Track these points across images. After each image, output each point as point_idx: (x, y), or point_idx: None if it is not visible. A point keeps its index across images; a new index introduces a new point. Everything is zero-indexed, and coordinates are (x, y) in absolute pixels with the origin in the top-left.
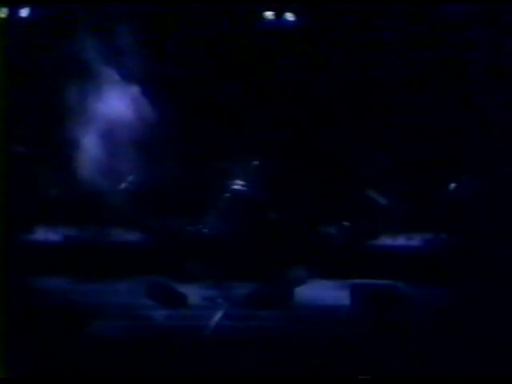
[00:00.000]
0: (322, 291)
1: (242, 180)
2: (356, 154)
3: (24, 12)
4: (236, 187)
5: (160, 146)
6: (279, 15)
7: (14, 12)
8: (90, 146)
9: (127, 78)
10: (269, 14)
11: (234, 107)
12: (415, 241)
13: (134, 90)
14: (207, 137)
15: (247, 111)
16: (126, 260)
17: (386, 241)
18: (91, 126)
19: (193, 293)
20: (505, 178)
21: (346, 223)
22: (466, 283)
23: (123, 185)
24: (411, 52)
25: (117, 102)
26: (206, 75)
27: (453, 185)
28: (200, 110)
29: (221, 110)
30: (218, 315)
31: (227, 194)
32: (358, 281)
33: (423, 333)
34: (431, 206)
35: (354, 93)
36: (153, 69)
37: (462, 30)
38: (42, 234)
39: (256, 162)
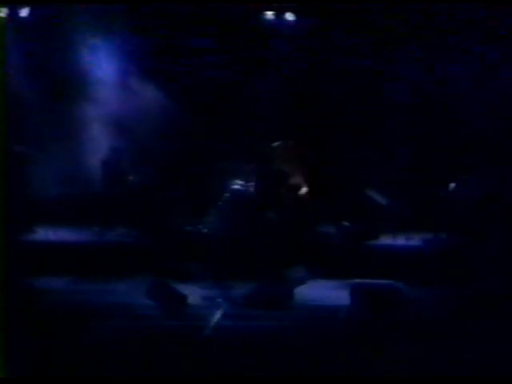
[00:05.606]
0: (322, 291)
1: (242, 180)
2: (357, 154)
3: (24, 12)
4: (236, 187)
5: (160, 145)
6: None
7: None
8: (89, 146)
9: (128, 77)
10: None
11: (234, 107)
12: (415, 241)
13: (134, 89)
14: (207, 137)
15: (246, 111)
16: (126, 260)
17: (386, 241)
18: (91, 126)
19: (193, 293)
20: (504, 178)
21: (345, 223)
22: (466, 283)
23: (123, 185)
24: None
25: (116, 102)
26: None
27: (453, 185)
28: (200, 109)
29: (221, 109)
30: (217, 315)
31: (227, 194)
32: (358, 281)
33: (423, 333)
34: (431, 206)
35: (354, 94)
36: (154, 68)
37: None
38: (42, 234)
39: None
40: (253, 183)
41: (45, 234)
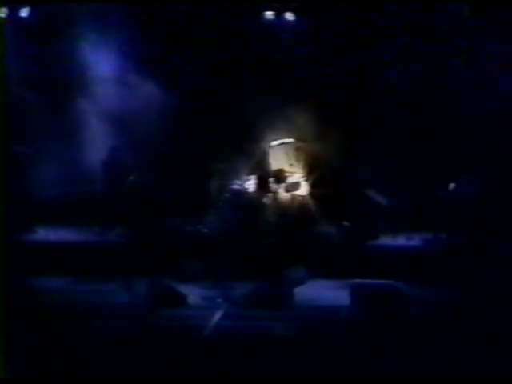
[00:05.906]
0: (322, 291)
1: (242, 180)
2: (357, 154)
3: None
4: (236, 187)
5: (160, 145)
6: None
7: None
8: (90, 146)
9: (128, 77)
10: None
11: (234, 107)
12: (415, 241)
13: (134, 89)
14: (207, 137)
15: (246, 111)
16: (125, 260)
17: (386, 241)
18: (91, 126)
19: (193, 293)
20: (504, 178)
21: (345, 223)
22: (466, 283)
23: (123, 184)
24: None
25: (116, 102)
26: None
27: (453, 185)
28: (200, 109)
29: (221, 109)
30: (217, 315)
31: (227, 194)
32: (358, 281)
33: (423, 333)
34: (431, 206)
35: (354, 93)
36: (154, 68)
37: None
38: (42, 234)
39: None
40: (253, 183)
41: (45, 234)
